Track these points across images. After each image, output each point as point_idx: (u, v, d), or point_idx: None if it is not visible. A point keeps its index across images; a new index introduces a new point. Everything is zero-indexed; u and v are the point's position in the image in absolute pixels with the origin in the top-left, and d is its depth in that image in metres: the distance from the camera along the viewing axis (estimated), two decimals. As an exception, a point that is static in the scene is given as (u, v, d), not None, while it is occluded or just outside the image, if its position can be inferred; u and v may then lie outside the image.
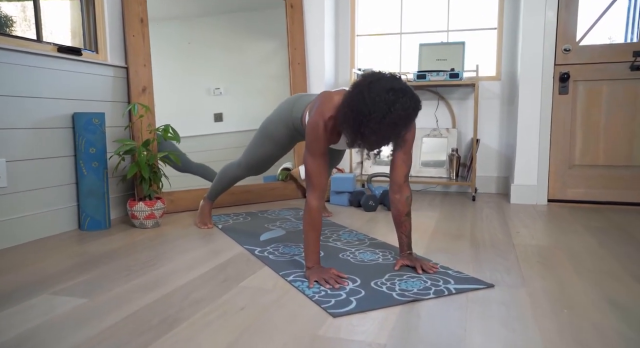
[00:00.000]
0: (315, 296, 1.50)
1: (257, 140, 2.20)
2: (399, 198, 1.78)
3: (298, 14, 3.49)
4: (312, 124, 1.62)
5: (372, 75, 1.49)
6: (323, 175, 1.65)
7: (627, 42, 3.00)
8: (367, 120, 1.42)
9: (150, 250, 2.06)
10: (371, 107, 1.41)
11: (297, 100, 2.06)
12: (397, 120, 1.42)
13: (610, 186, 3.09)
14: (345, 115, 1.47)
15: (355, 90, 1.46)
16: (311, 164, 1.64)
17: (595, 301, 1.48)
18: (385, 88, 1.42)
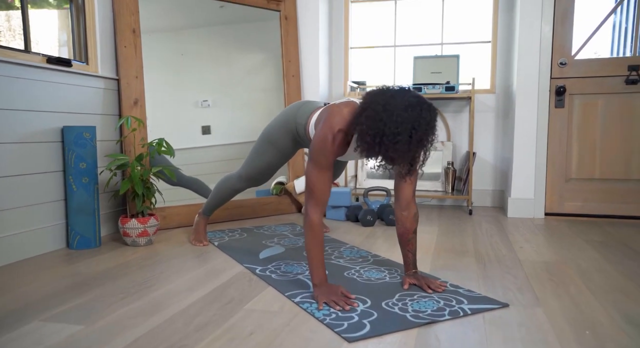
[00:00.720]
0: (327, 319, 1.42)
1: (259, 147, 2.14)
2: (407, 215, 1.73)
3: (292, 26, 3.45)
4: (320, 136, 1.57)
5: (382, 93, 1.45)
6: (326, 189, 1.60)
7: (621, 56, 3.02)
8: (394, 143, 1.38)
9: (145, 271, 1.96)
10: (394, 130, 1.37)
11: (301, 106, 2.02)
12: (423, 136, 1.39)
13: (606, 200, 3.09)
14: (368, 138, 1.41)
15: (371, 113, 1.41)
16: (315, 176, 1.58)
17: (614, 321, 1.43)
18: (403, 106, 1.38)
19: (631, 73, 2.99)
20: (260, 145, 2.13)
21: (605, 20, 3.05)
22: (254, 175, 2.20)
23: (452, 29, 3.74)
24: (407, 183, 1.71)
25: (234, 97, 3.16)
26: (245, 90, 3.21)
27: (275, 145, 2.08)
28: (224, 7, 3.13)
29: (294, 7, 3.46)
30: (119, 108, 2.76)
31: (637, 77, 2.98)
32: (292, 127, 2.01)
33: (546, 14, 3.05)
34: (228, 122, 3.13)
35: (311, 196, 1.59)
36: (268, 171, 2.18)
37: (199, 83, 3.02)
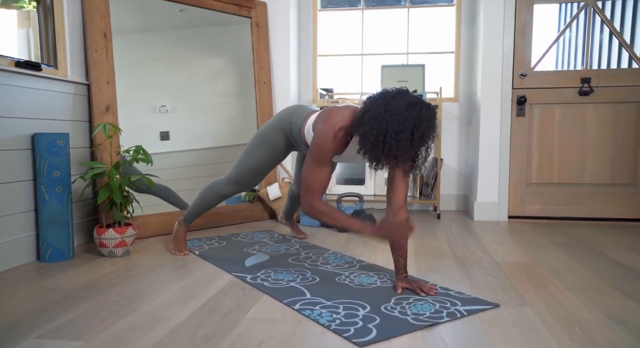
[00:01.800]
0: (332, 325, 1.45)
1: (251, 149, 2.14)
2: (399, 220, 1.79)
3: (263, 33, 3.45)
4: (322, 132, 1.62)
5: (383, 96, 1.50)
6: (324, 182, 1.68)
7: (575, 69, 3.24)
8: (397, 141, 1.43)
9: (131, 282, 1.91)
10: (397, 128, 1.42)
11: (297, 108, 2.07)
12: (425, 133, 1.45)
13: (563, 202, 3.29)
14: (372, 138, 1.46)
15: (374, 113, 1.46)
16: (312, 171, 1.66)
17: (598, 317, 1.55)
18: (404, 105, 1.44)
19: (583, 85, 3.21)
20: (253, 144, 2.14)
21: (560, 35, 3.26)
22: (245, 177, 2.18)
23: (417, 39, 3.87)
24: (400, 188, 1.77)
25: (194, 102, 3.08)
26: (205, 95, 3.14)
27: (268, 143, 2.09)
28: (184, 11, 3.08)
29: (264, 14, 3.47)
30: (89, 114, 2.66)
31: (588, 88, 3.20)
32: (286, 127, 2.03)
33: (507, 28, 3.22)
34: (187, 128, 3.04)
35: (308, 190, 1.65)
36: (259, 173, 2.17)
37: (156, 88, 2.92)
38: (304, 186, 1.68)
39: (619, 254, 2.38)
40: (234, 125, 3.26)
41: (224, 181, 2.25)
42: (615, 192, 3.24)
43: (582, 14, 3.23)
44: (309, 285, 1.84)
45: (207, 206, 2.33)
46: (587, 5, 3.21)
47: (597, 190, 3.26)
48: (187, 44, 3.07)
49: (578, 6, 3.24)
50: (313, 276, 1.97)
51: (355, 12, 3.93)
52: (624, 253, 2.39)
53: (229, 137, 3.23)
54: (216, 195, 2.27)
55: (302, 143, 1.99)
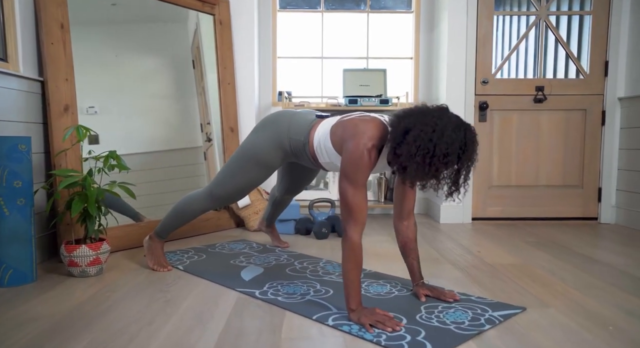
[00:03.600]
0: (382, 341, 1.37)
1: (241, 168, 1.96)
2: (407, 224, 1.76)
3: (227, 31, 3.28)
4: (356, 154, 1.51)
5: (426, 114, 1.45)
6: (365, 208, 1.55)
7: (531, 78, 3.44)
8: (444, 163, 1.39)
9: (125, 305, 1.69)
10: (445, 150, 1.38)
11: (290, 120, 1.90)
12: (470, 156, 1.43)
13: (521, 204, 3.47)
14: (419, 159, 1.39)
15: (419, 133, 1.40)
16: (354, 196, 1.53)
17: (618, 315, 1.61)
18: (451, 127, 1.40)
19: (538, 93, 3.41)
20: (243, 164, 1.95)
21: (517, 45, 3.44)
22: (230, 194, 2.02)
23: (377, 43, 3.90)
24: (410, 195, 1.75)
25: (126, 103, 2.81)
26: (140, 97, 2.88)
27: (262, 163, 1.93)
28: (116, 5, 2.79)
29: (227, 11, 3.29)
30: (44, 115, 2.35)
31: (542, 96, 3.41)
32: (284, 144, 1.89)
33: (470, 37, 3.34)
34: (120, 131, 2.75)
35: (350, 216, 1.53)
36: (248, 190, 2.02)
37: (83, 87, 2.59)
38: (349, 214, 1.53)
39: (591, 252, 2.54)
40: (172, 129, 3.02)
41: (204, 196, 2.06)
42: (566, 193, 3.48)
43: (536, 26, 3.44)
44: (328, 298, 1.75)
45: (184, 221, 2.14)
46: (540, 18, 3.42)
47: (550, 191, 3.47)
48: (119, 41, 2.76)
49: (533, 18, 3.44)
50: (325, 288, 1.87)
51: (315, 14, 3.87)
52: (594, 251, 2.55)
53: (167, 142, 2.97)
54: (196, 211, 2.09)
55: (310, 159, 1.87)
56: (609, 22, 3.38)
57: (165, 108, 3.01)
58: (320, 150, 1.78)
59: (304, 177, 2.26)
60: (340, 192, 1.56)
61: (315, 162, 1.86)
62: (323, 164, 1.83)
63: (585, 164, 3.46)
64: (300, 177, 2.26)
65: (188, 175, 3.15)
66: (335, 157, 1.73)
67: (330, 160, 1.76)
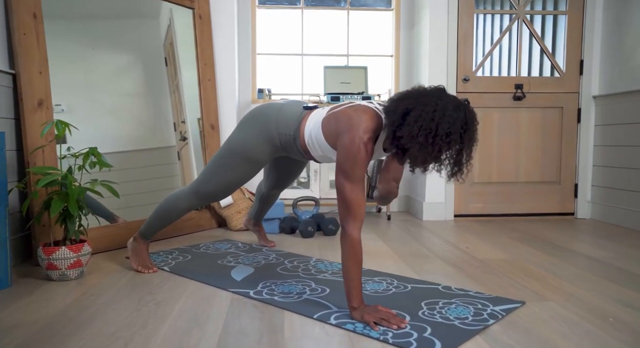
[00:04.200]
0: (389, 339, 1.34)
1: (228, 164, 1.89)
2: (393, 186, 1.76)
3: (207, 26, 3.19)
4: (354, 148, 1.47)
5: (427, 94, 1.42)
6: (363, 203, 1.51)
7: (510, 76, 3.48)
8: (447, 143, 1.37)
9: (114, 310, 1.60)
10: (447, 130, 1.36)
11: (278, 112, 1.84)
12: (472, 135, 1.41)
13: (502, 200, 3.51)
14: (421, 139, 1.37)
15: (421, 113, 1.37)
16: (352, 191, 1.48)
17: (616, 307, 1.63)
18: (451, 106, 1.38)
19: (517, 91, 3.46)
20: (230, 160, 1.88)
21: (497, 43, 3.48)
22: (216, 191, 1.94)
23: (357, 41, 3.88)
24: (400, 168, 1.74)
25: (95, 101, 2.68)
26: (109, 94, 2.76)
27: (250, 159, 1.87)
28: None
29: (207, 5, 3.20)
30: (16, 110, 2.21)
31: (521, 94, 3.46)
32: (273, 139, 1.83)
33: (451, 34, 3.36)
34: (89, 130, 2.61)
35: (348, 212, 1.48)
36: (235, 187, 1.95)
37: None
38: (348, 210, 1.49)
39: (575, 246, 2.58)
40: (144, 128, 2.91)
41: (189, 195, 1.98)
42: (544, 189, 3.54)
43: (514, 25, 3.49)
44: (325, 297, 1.70)
45: (169, 220, 2.06)
46: (518, 17, 3.48)
47: (529, 188, 3.53)
48: (86, 36, 2.64)
49: (511, 17, 3.49)
50: (321, 287, 1.82)
51: (295, 10, 3.82)
52: (577, 245, 2.60)
53: (139, 141, 2.86)
54: (181, 210, 2.01)
55: (302, 152, 1.82)
56: (583, 22, 3.46)
57: (137, 106, 2.89)
58: (312, 145, 1.74)
59: (291, 170, 2.20)
60: (337, 188, 1.51)
61: (307, 155, 1.82)
62: (316, 157, 1.79)
63: (563, 161, 3.53)
64: (288, 171, 2.20)
65: (161, 175, 3.04)
66: (329, 151, 1.69)
67: (324, 154, 1.72)
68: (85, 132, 2.57)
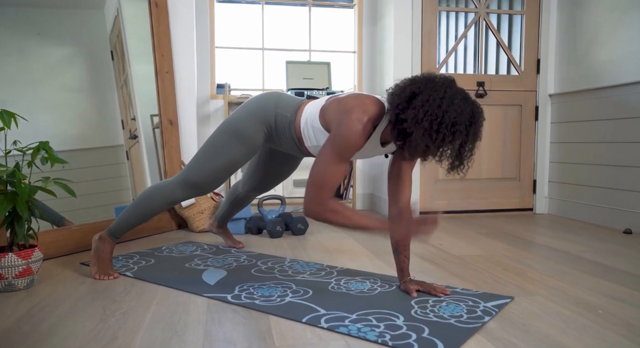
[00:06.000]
0: (387, 341, 1.26)
1: (219, 144, 1.75)
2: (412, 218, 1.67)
3: (163, 15, 3.00)
4: (352, 126, 1.41)
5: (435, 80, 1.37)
6: (339, 180, 1.48)
7: (473, 73, 3.52)
8: (451, 133, 1.31)
9: (75, 322, 1.42)
10: (453, 119, 1.30)
11: (278, 97, 1.77)
12: (477, 130, 1.36)
13: (465, 197, 3.54)
14: (426, 124, 1.30)
15: (429, 98, 1.31)
16: (333, 165, 1.47)
17: (601, 299, 1.63)
18: (461, 96, 1.33)
19: (479, 88, 3.50)
20: (223, 139, 1.75)
21: (459, 41, 3.51)
22: (207, 179, 1.78)
23: (319, 37, 3.80)
24: (409, 184, 1.67)
25: (33, 96, 2.46)
26: (49, 90, 2.55)
27: (244, 138, 1.74)
28: None
29: (164, -7, 3.01)
30: (-49, 100, 1.96)
31: (483, 91, 3.50)
32: (269, 119, 1.73)
33: (415, 31, 3.35)
34: (25, 127, 2.39)
35: (322, 187, 1.45)
36: (227, 174, 1.80)
37: None
38: (317, 182, 1.44)
39: (542, 240, 2.61)
40: (88, 126, 2.70)
41: (174, 185, 1.83)
42: (505, 186, 3.60)
43: (476, 23, 3.53)
44: (310, 299, 1.60)
45: (146, 216, 1.89)
46: (480, 15, 3.52)
47: (491, 184, 3.58)
48: (22, 27, 2.41)
49: (472, 16, 3.53)
50: (302, 288, 1.72)
51: (255, 6, 3.69)
52: (544, 239, 2.64)
53: (82, 140, 2.64)
54: (163, 203, 1.85)
55: (294, 141, 1.71)
56: (539, 22, 3.55)
57: (80, 102, 2.67)
58: (307, 132, 1.64)
59: (281, 171, 2.06)
60: (320, 161, 1.45)
61: (300, 146, 1.71)
62: (308, 147, 1.68)
63: (522, 158, 3.61)
64: (277, 172, 2.05)
65: (108, 176, 2.83)
66: (324, 137, 1.59)
67: (318, 144, 1.62)
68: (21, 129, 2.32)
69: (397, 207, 1.66)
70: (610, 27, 3.05)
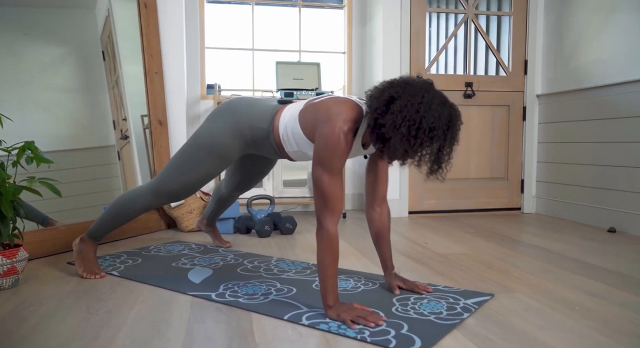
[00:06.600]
0: (367, 338, 1.27)
1: (192, 158, 1.76)
2: (380, 212, 1.69)
3: (153, 16, 3.01)
4: (333, 138, 1.40)
5: (413, 85, 1.37)
6: (341, 196, 1.44)
7: (461, 74, 3.54)
8: (430, 138, 1.32)
9: (58, 320, 1.43)
10: (431, 124, 1.31)
11: (251, 105, 1.74)
12: (455, 135, 1.37)
13: (454, 196, 3.57)
14: (404, 130, 1.31)
15: (406, 103, 1.32)
16: (330, 184, 1.41)
17: (579, 296, 1.66)
18: (439, 101, 1.34)
19: (467, 89, 3.53)
20: (197, 155, 1.75)
21: (448, 42, 3.54)
22: (179, 190, 1.80)
23: (309, 37, 3.82)
24: (383, 179, 1.68)
25: (24, 97, 2.48)
26: (40, 89, 2.55)
27: (218, 154, 1.74)
28: None
29: (153, -6, 3.02)
30: (-64, 100, 1.96)
31: (471, 92, 3.53)
32: (245, 133, 1.72)
33: (404, 32, 3.37)
34: (16, 128, 2.38)
35: (325, 205, 1.41)
36: (200, 184, 1.82)
37: None
38: (325, 204, 1.42)
39: (528, 239, 2.64)
40: (80, 126, 2.70)
41: (148, 192, 1.84)
42: (493, 185, 3.63)
43: (464, 24, 3.56)
44: (293, 297, 1.62)
45: (124, 220, 1.91)
46: (468, 17, 3.55)
47: (480, 184, 3.61)
48: (13, 26, 2.42)
49: (460, 17, 3.56)
50: (286, 287, 1.74)
51: (245, 6, 3.70)
52: (530, 238, 2.67)
53: (73, 140, 2.65)
54: (138, 210, 1.86)
55: (275, 149, 1.71)
56: (527, 23, 3.58)
57: (71, 102, 2.67)
58: (287, 139, 1.64)
59: (258, 171, 2.08)
60: (314, 180, 1.44)
61: (281, 152, 1.72)
62: (290, 153, 1.69)
63: (510, 158, 3.64)
64: (254, 172, 2.08)
65: (100, 176, 2.83)
66: (305, 145, 1.60)
67: (299, 149, 1.63)
68: (12, 129, 2.32)
69: (374, 202, 1.68)
70: (594, 29, 3.09)
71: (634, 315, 1.46)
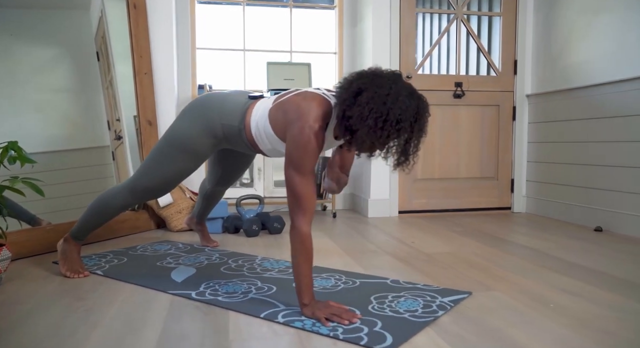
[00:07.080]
0: (339, 335, 1.29)
1: (165, 156, 1.77)
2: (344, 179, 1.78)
3: (142, 16, 3.02)
4: (304, 138, 1.40)
5: (381, 76, 1.38)
6: (314, 195, 1.45)
7: (451, 74, 3.56)
8: (397, 130, 1.33)
9: (37, 319, 1.44)
10: (398, 116, 1.32)
11: (222, 102, 1.74)
12: (422, 126, 1.38)
13: (443, 196, 3.58)
14: (370, 122, 1.32)
15: (373, 94, 1.32)
16: (301, 183, 1.42)
17: (556, 293, 1.67)
18: (406, 92, 1.35)
19: (457, 89, 3.54)
20: (169, 152, 1.76)
21: (437, 42, 3.55)
22: (155, 187, 1.81)
23: (300, 38, 3.83)
24: (350, 158, 1.73)
25: (18, 98, 2.49)
26: (34, 90, 2.57)
27: (190, 151, 1.75)
28: None
29: (142, -5, 3.04)
30: None
31: (461, 92, 3.55)
32: (216, 131, 1.73)
33: (394, 32, 3.39)
34: (10, 128, 2.41)
35: (298, 205, 1.42)
36: (176, 181, 1.84)
37: None
38: (297, 204, 1.42)
39: (515, 238, 2.65)
40: (74, 127, 2.71)
41: (125, 191, 1.85)
42: (483, 185, 3.65)
43: (453, 24, 3.57)
44: (272, 295, 1.63)
45: (104, 219, 1.92)
46: (457, 17, 3.56)
47: (470, 183, 3.62)
48: (6, 27, 2.44)
49: (450, 17, 3.57)
50: (267, 285, 1.75)
51: (236, 7, 3.72)
52: (517, 237, 2.68)
53: (68, 140, 2.66)
54: (117, 208, 1.87)
55: (248, 145, 1.73)
56: (516, 24, 3.59)
57: (66, 103, 2.69)
58: (259, 137, 1.65)
59: (237, 165, 2.09)
60: (287, 180, 1.45)
61: (255, 149, 1.73)
62: (264, 150, 1.70)
63: (500, 157, 3.65)
64: (233, 166, 2.09)
65: (93, 177, 2.85)
66: (278, 143, 1.61)
67: (273, 147, 1.65)
68: (6, 129, 2.34)
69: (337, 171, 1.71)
70: (581, 29, 3.10)
71: (608, 313, 1.47)
